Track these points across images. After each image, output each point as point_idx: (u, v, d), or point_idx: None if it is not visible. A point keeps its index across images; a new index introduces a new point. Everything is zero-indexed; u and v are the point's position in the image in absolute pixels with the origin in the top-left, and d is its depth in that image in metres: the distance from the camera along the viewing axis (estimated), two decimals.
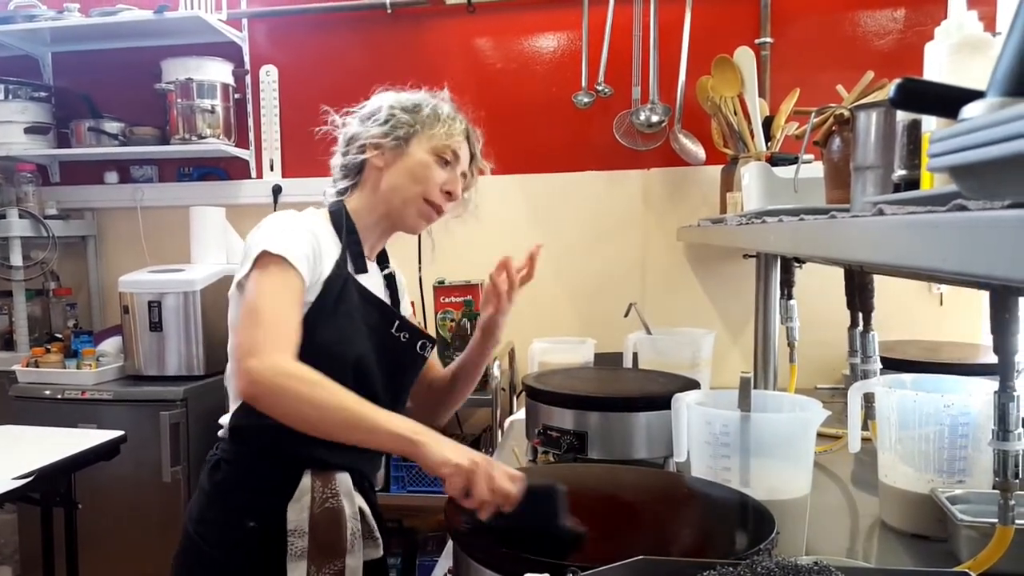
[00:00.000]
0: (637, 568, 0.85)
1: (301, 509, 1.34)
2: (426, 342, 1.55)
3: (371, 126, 1.51)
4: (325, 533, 1.34)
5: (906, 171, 0.98)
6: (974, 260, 0.53)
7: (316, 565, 1.33)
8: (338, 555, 1.35)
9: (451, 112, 1.55)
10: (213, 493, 1.42)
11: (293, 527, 1.33)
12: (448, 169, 1.51)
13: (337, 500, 1.36)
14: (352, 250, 1.47)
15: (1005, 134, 0.42)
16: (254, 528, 1.35)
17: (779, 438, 1.35)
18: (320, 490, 1.36)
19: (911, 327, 2.82)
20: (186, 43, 3.24)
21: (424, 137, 1.48)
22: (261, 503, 1.36)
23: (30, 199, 3.25)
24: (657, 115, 2.92)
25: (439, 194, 1.49)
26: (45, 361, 2.95)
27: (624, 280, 3.07)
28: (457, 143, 1.51)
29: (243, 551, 1.36)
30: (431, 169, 1.48)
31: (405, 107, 1.51)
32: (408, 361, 1.54)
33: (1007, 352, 1.09)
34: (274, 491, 1.35)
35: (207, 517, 1.41)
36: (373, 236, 1.55)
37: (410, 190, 1.48)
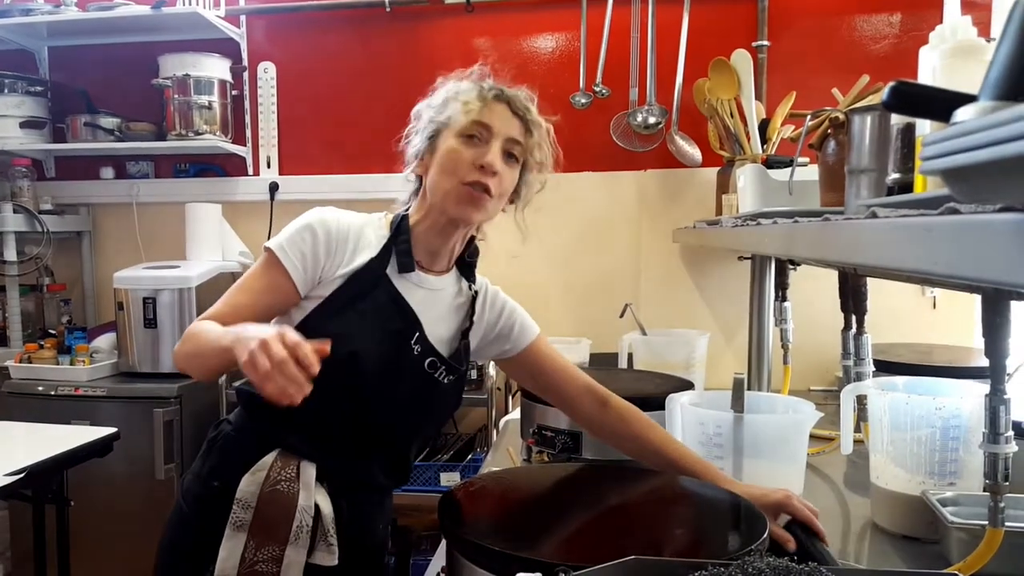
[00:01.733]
0: (629, 568, 0.86)
1: (253, 483, 1.34)
2: (437, 362, 1.43)
3: (413, 140, 1.46)
4: (270, 513, 1.33)
5: (900, 174, 0.98)
6: (966, 263, 0.53)
7: (255, 543, 1.32)
8: (279, 541, 1.33)
9: (469, 86, 1.44)
10: (205, 449, 1.47)
11: (240, 497, 1.33)
12: (479, 144, 1.38)
13: (291, 485, 1.34)
14: (399, 249, 1.42)
15: (997, 137, 0.42)
16: (217, 488, 1.37)
17: (772, 439, 1.36)
18: (278, 470, 1.34)
19: (904, 330, 2.82)
20: (183, 39, 3.23)
21: (451, 124, 1.40)
22: (229, 468, 1.37)
23: (25, 194, 3.23)
24: (654, 117, 2.92)
25: (473, 171, 1.36)
26: (38, 357, 2.95)
27: (620, 281, 3.08)
28: (480, 114, 1.38)
29: (204, 509, 1.39)
30: (459, 153, 1.37)
31: (431, 105, 1.45)
32: (415, 377, 1.42)
33: (998, 355, 1.09)
34: (242, 460, 1.36)
35: (194, 470, 1.46)
36: (430, 238, 1.45)
37: (445, 182, 1.38)
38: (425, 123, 1.43)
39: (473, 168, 1.36)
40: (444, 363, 1.43)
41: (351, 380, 1.33)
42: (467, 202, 1.37)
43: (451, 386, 1.47)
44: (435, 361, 1.42)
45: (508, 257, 3.07)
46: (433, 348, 1.43)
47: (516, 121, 1.42)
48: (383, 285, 1.39)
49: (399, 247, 1.42)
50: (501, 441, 2.20)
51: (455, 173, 1.36)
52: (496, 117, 1.39)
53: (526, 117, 1.44)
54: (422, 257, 1.45)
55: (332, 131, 3.27)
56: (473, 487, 1.34)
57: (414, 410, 1.45)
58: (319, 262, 1.36)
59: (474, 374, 2.81)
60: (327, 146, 3.28)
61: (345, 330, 1.32)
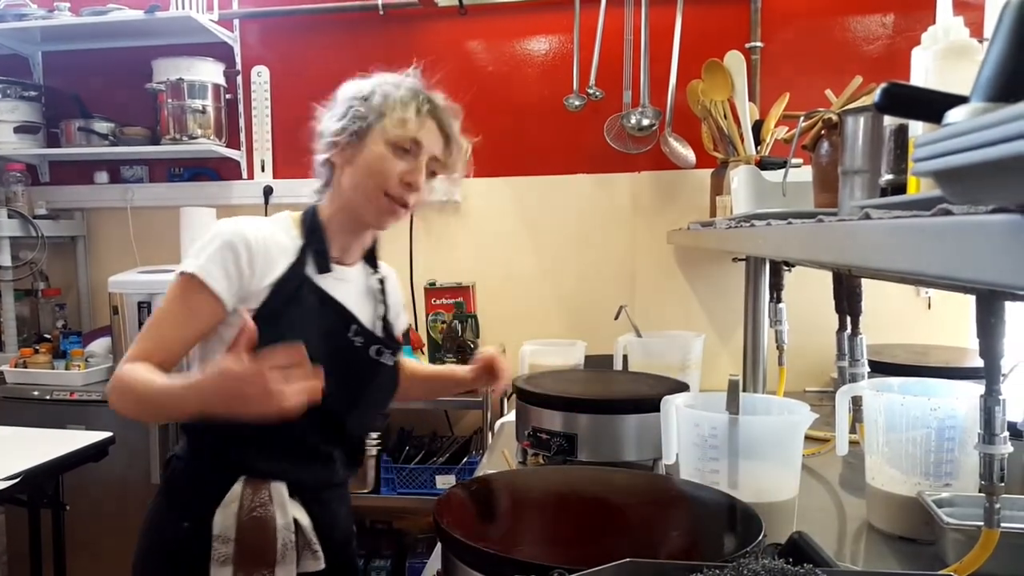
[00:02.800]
0: (624, 570, 0.86)
1: (228, 516, 1.34)
2: (383, 348, 1.49)
3: (331, 122, 1.46)
4: (252, 541, 1.34)
5: (893, 175, 0.98)
6: (959, 264, 0.53)
7: (244, 572, 1.33)
8: (266, 564, 1.34)
9: (407, 96, 1.44)
10: (163, 489, 1.46)
11: (218, 532, 1.34)
12: (408, 158, 1.42)
13: (266, 509, 1.35)
14: (314, 250, 1.45)
15: (989, 139, 0.42)
16: (189, 528, 1.37)
17: (767, 441, 1.36)
18: (250, 498, 1.35)
19: (899, 331, 2.83)
20: (177, 43, 3.23)
21: (379, 128, 1.41)
22: (197, 505, 1.37)
23: (19, 199, 3.23)
24: (648, 119, 2.93)
25: (399, 186, 1.41)
26: (33, 362, 2.94)
27: (614, 283, 3.08)
28: (414, 130, 1.42)
29: (176, 548, 1.38)
30: (387, 161, 1.40)
31: (359, 97, 1.45)
32: (364, 368, 1.48)
33: (993, 356, 1.10)
34: (209, 494, 1.36)
35: (156, 508, 1.45)
36: (344, 236, 1.50)
37: (368, 186, 1.42)
38: (351, 115, 1.43)
39: (399, 183, 1.41)
40: (388, 345, 1.50)
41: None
42: (387, 213, 1.44)
43: (394, 365, 1.54)
44: (380, 348, 1.48)
45: (504, 262, 3.08)
46: (373, 334, 1.48)
47: (441, 139, 1.47)
48: (308, 287, 1.41)
49: (315, 248, 1.45)
50: (496, 444, 2.20)
51: (380, 181, 1.40)
52: (426, 134, 1.44)
53: (450, 135, 1.48)
54: (336, 252, 1.49)
55: None
56: (469, 490, 1.33)
57: (369, 399, 1.50)
58: (244, 277, 1.36)
59: None
60: None
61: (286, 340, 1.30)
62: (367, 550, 3.03)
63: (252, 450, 1.35)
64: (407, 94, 1.45)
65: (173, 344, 1.34)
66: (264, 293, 1.37)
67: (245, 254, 1.36)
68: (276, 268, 1.39)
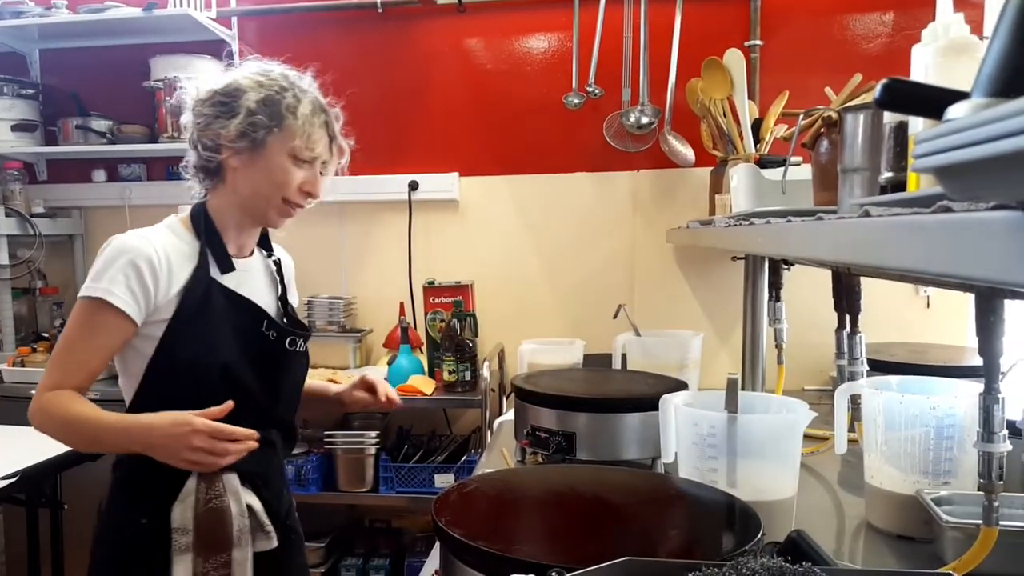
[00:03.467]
0: (623, 569, 0.85)
1: (185, 509, 1.41)
2: (296, 338, 1.56)
3: (222, 122, 1.45)
4: (210, 530, 1.41)
5: (893, 173, 0.98)
6: (959, 262, 0.53)
7: (203, 557, 1.41)
8: (224, 549, 1.42)
9: (310, 111, 1.49)
10: (114, 487, 1.50)
11: (177, 525, 1.41)
12: (307, 168, 1.49)
13: (221, 500, 1.42)
14: (214, 252, 1.49)
15: (989, 134, 0.42)
16: (146, 524, 1.43)
17: (766, 439, 1.36)
18: (204, 491, 1.41)
19: (898, 329, 2.83)
20: (175, 41, 3.22)
21: (281, 137, 1.45)
22: (152, 501, 1.43)
23: (17, 197, 3.22)
24: (647, 117, 2.92)
25: (299, 194, 1.49)
26: (31, 360, 2.94)
27: (613, 282, 3.08)
28: (315, 142, 1.48)
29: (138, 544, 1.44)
30: (288, 172, 1.46)
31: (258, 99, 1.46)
32: (281, 358, 1.55)
33: (992, 354, 1.09)
34: (164, 490, 1.42)
35: (111, 509, 1.49)
36: (238, 232, 1.55)
37: (269, 192, 1.48)
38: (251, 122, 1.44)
39: (300, 192, 1.49)
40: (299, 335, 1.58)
41: (233, 388, 1.43)
42: (283, 215, 1.52)
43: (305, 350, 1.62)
44: (293, 338, 1.56)
45: (503, 260, 3.08)
46: (284, 327, 1.56)
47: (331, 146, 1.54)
48: (215, 289, 1.47)
49: (214, 250, 1.50)
50: (495, 442, 2.20)
51: (281, 190, 1.47)
52: (321, 146, 1.50)
53: (337, 142, 1.56)
54: (233, 249, 1.55)
55: None
56: (467, 489, 1.33)
57: (291, 384, 1.59)
58: (149, 292, 1.40)
59: (468, 375, 2.81)
60: None
61: (205, 345, 1.42)
62: (365, 549, 3.03)
63: None
64: (310, 108, 1.49)
65: (86, 369, 1.41)
66: (174, 302, 1.42)
67: (148, 270, 1.40)
68: (181, 276, 1.44)
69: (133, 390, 1.46)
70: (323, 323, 3.13)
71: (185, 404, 1.37)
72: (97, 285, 1.39)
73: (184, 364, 1.41)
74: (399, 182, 3.14)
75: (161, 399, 1.41)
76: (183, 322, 1.41)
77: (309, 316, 3.14)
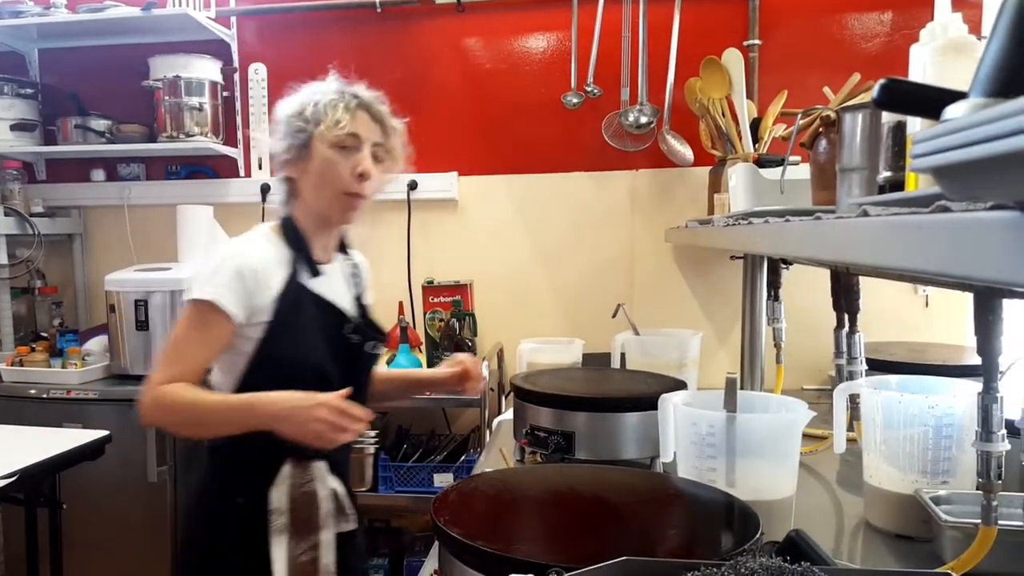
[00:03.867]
0: (622, 569, 0.85)
1: (281, 492, 1.53)
2: (376, 343, 1.67)
3: (277, 143, 1.61)
4: (302, 512, 1.53)
5: (891, 172, 0.98)
6: (957, 261, 0.53)
7: (295, 540, 1.53)
8: (313, 530, 1.55)
9: (333, 98, 1.58)
10: (212, 470, 1.63)
11: (275, 506, 1.52)
12: (353, 152, 1.56)
13: (312, 485, 1.55)
14: (302, 258, 1.60)
15: (987, 134, 0.42)
16: (243, 503, 1.54)
17: (765, 439, 1.36)
18: (299, 476, 1.54)
19: (897, 328, 2.83)
20: (174, 40, 3.22)
21: (318, 135, 1.54)
22: (249, 483, 1.54)
23: (16, 197, 3.22)
24: (646, 116, 2.92)
25: (353, 181, 1.55)
26: (30, 360, 2.93)
27: (612, 281, 3.07)
28: (348, 124, 1.55)
29: (234, 522, 1.55)
30: (336, 164, 1.54)
31: (293, 114, 1.58)
32: (361, 361, 1.67)
33: (991, 354, 1.10)
34: (259, 474, 1.54)
35: (209, 489, 1.62)
36: (319, 238, 1.64)
37: (326, 190, 1.56)
38: (292, 130, 1.57)
39: (351, 178, 1.55)
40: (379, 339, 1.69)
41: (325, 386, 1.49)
42: (348, 209, 1.59)
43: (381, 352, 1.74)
44: (373, 342, 1.66)
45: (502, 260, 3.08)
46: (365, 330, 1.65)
47: (377, 126, 1.61)
48: (305, 294, 1.58)
49: (301, 256, 1.60)
50: (494, 442, 2.20)
51: (335, 183, 1.55)
52: (361, 125, 1.57)
53: (384, 121, 1.63)
54: (318, 254, 1.64)
55: None
56: (466, 488, 1.33)
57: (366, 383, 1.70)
58: (252, 299, 1.51)
59: None
60: None
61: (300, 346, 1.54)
62: (365, 548, 3.02)
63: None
64: (333, 96, 1.58)
65: (195, 365, 1.50)
66: (272, 306, 1.52)
67: (251, 276, 1.51)
68: (276, 281, 1.54)
69: (231, 388, 1.55)
70: None
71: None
72: (206, 288, 1.49)
73: (281, 363, 1.52)
74: (398, 181, 3.13)
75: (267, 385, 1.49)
76: (279, 325, 1.52)
77: None
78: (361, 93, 1.62)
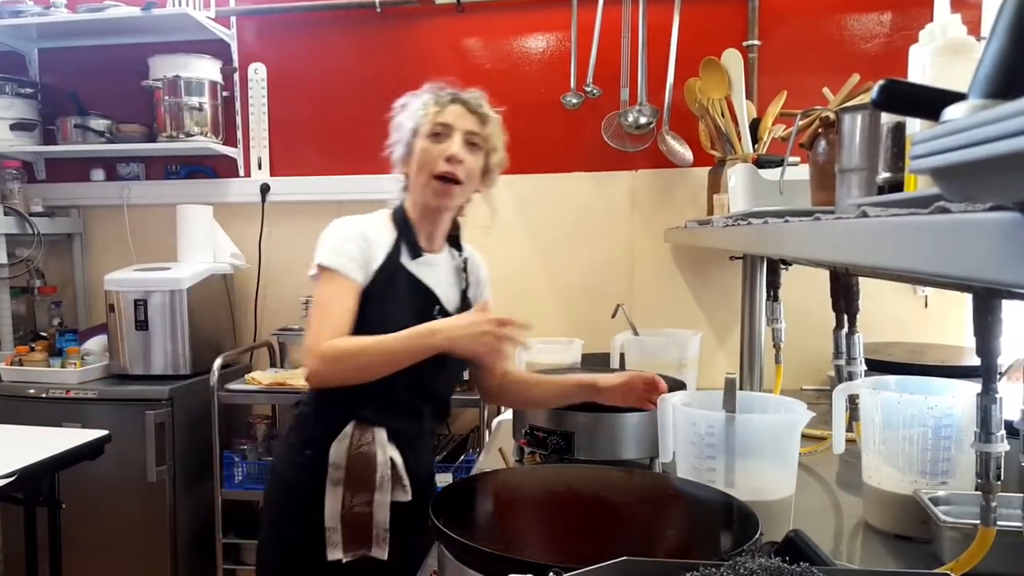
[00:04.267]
0: (621, 569, 0.85)
1: (341, 448, 1.64)
2: None
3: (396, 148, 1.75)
4: (358, 470, 1.63)
5: (890, 173, 0.98)
6: (956, 262, 0.53)
7: (350, 493, 1.63)
8: (368, 489, 1.64)
9: (428, 95, 1.71)
10: (292, 424, 1.78)
11: (333, 460, 1.64)
12: (443, 140, 1.66)
13: (370, 447, 1.64)
14: (406, 239, 1.72)
15: (986, 135, 0.42)
16: (310, 456, 1.66)
17: (764, 439, 1.36)
18: (358, 437, 1.64)
19: (896, 329, 2.83)
20: (174, 40, 3.22)
21: (420, 131, 1.68)
22: (317, 439, 1.66)
23: (15, 196, 3.21)
24: (645, 117, 2.92)
25: (442, 164, 1.65)
26: (29, 359, 2.93)
27: (611, 281, 3.08)
28: (437, 115, 1.67)
29: (302, 472, 1.67)
30: (429, 151, 1.66)
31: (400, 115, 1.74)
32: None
33: (990, 354, 1.10)
34: (327, 432, 1.66)
35: (288, 442, 1.76)
36: (425, 226, 1.75)
37: (422, 177, 1.67)
38: (401, 134, 1.73)
39: (441, 160, 1.65)
40: None
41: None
42: (441, 194, 1.68)
43: None
44: None
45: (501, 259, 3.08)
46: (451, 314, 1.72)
47: (472, 116, 1.71)
48: (401, 272, 1.69)
49: (407, 238, 1.72)
50: (493, 442, 2.20)
51: (427, 167, 1.66)
52: (453, 115, 1.68)
53: (479, 111, 1.73)
54: (423, 242, 1.75)
55: (323, 132, 3.26)
56: (465, 488, 1.33)
57: (452, 367, 1.74)
58: (363, 262, 1.65)
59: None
60: (318, 147, 3.27)
61: (385, 316, 1.63)
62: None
63: (363, 402, 1.63)
64: (428, 94, 1.72)
65: (342, 323, 1.60)
66: (370, 277, 1.65)
67: (364, 245, 1.66)
68: (380, 256, 1.68)
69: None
70: None
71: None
72: (331, 257, 1.62)
73: (368, 327, 1.60)
74: (398, 181, 3.14)
75: None
76: (373, 294, 1.64)
77: (308, 315, 3.14)
78: (457, 90, 1.73)
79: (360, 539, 1.64)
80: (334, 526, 1.63)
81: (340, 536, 1.63)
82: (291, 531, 1.70)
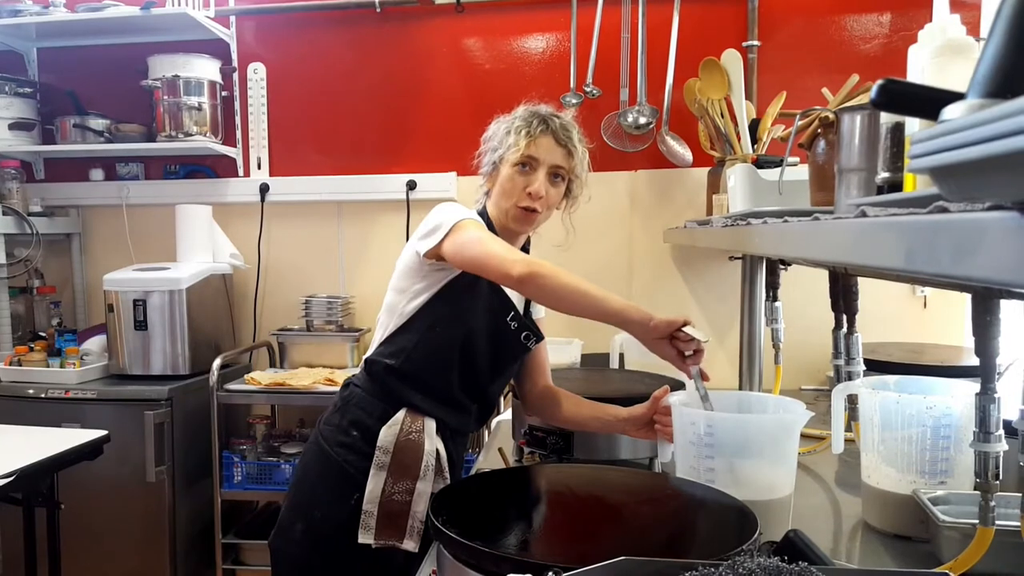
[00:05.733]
0: (619, 568, 0.85)
1: (391, 434, 1.67)
2: (530, 334, 1.77)
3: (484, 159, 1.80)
4: (404, 456, 1.65)
5: (889, 173, 0.98)
6: (955, 262, 0.53)
7: (392, 479, 1.65)
8: (411, 477, 1.65)
9: (520, 124, 1.72)
10: (340, 404, 1.78)
11: (381, 444, 1.66)
12: (530, 173, 1.71)
13: (419, 436, 1.67)
14: None
15: (985, 135, 0.42)
16: (357, 438, 1.70)
17: (763, 439, 1.36)
18: (408, 424, 1.67)
19: (895, 329, 2.83)
20: (173, 40, 3.22)
21: (507, 157, 1.71)
22: (367, 422, 1.70)
23: (14, 196, 3.21)
24: (645, 117, 2.93)
25: (524, 197, 1.70)
26: (28, 360, 2.93)
27: (611, 281, 3.07)
28: (528, 148, 1.69)
29: (348, 453, 1.69)
30: (514, 181, 1.70)
31: (491, 135, 1.78)
32: (513, 347, 1.77)
33: (989, 354, 1.10)
34: (378, 417, 1.69)
35: (332, 422, 1.76)
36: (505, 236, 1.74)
37: (504, 202, 1.72)
38: (490, 149, 1.77)
39: (524, 195, 1.70)
40: (535, 333, 1.78)
41: (466, 354, 1.69)
42: (521, 221, 1.74)
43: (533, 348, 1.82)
44: (529, 334, 1.77)
45: None
46: (525, 322, 1.76)
47: (560, 150, 1.73)
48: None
49: None
50: (492, 442, 2.20)
51: (511, 197, 1.71)
52: (542, 149, 1.71)
53: (568, 145, 1.74)
54: None
55: (323, 132, 3.26)
56: (465, 487, 1.33)
57: (509, 372, 1.82)
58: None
59: None
60: (318, 147, 3.27)
61: (462, 311, 1.67)
62: None
63: (417, 392, 1.68)
64: (520, 123, 1.73)
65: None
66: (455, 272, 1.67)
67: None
68: None
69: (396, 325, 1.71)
70: (321, 322, 3.14)
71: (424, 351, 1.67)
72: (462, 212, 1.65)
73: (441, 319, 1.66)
74: (397, 182, 3.15)
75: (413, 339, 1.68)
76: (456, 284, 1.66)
77: (307, 315, 3.14)
78: (550, 120, 1.74)
79: (392, 528, 1.65)
80: (371, 510, 1.64)
81: (375, 521, 1.64)
82: (325, 509, 1.70)
